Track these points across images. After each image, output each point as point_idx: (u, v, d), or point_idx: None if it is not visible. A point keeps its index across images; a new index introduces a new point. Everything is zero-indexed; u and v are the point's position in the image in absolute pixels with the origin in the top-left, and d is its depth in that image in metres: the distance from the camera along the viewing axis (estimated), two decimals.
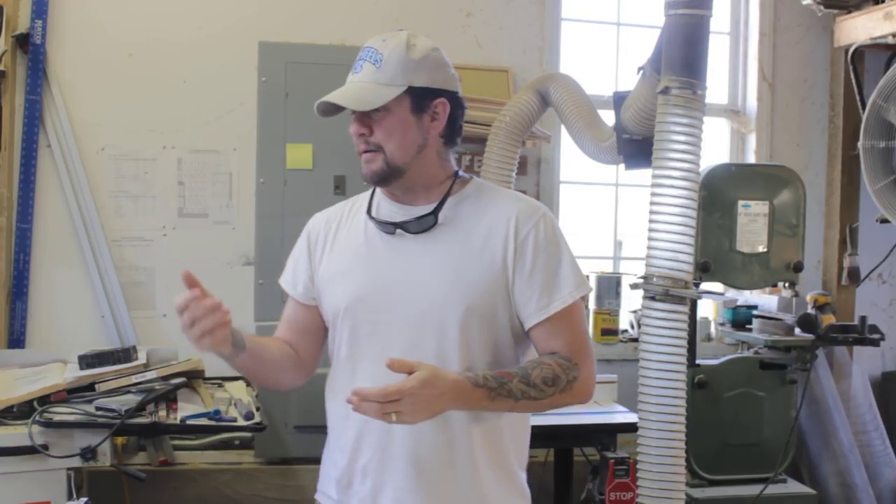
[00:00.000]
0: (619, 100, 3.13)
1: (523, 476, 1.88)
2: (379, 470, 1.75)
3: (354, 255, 1.81)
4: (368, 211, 1.82)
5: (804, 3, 4.16)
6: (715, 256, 3.45)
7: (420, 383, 1.56)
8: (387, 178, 1.75)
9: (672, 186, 2.69)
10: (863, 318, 3.64)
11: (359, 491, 1.77)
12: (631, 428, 2.87)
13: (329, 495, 1.86)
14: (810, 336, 3.62)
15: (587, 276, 4.09)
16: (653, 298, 2.71)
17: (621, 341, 4.12)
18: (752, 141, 4.40)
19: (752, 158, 4.37)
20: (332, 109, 1.78)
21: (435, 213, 1.76)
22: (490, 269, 1.73)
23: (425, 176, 1.79)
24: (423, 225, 1.76)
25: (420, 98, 1.75)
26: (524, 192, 4.00)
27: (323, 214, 1.92)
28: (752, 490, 3.47)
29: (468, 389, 1.63)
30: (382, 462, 1.74)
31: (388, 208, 1.82)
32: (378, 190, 1.84)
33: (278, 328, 1.95)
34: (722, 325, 4.14)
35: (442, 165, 1.81)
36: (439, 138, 1.79)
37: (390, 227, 1.77)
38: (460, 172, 1.84)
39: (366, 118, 1.74)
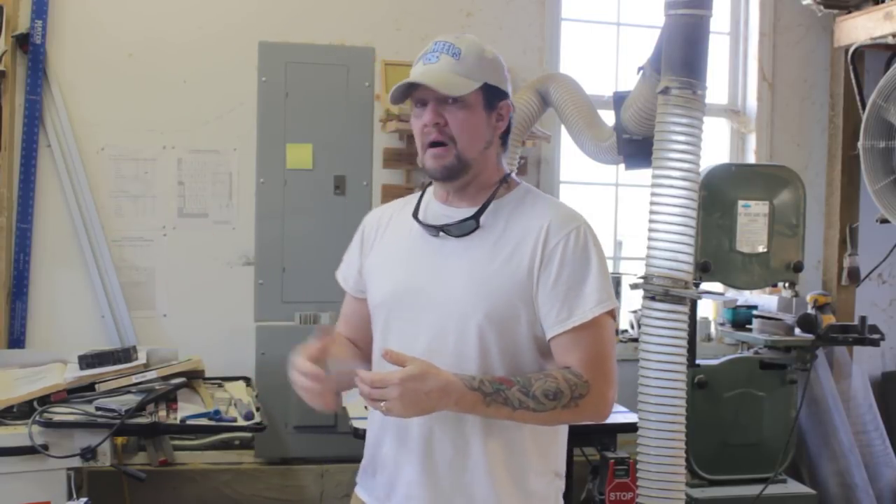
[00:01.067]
0: (619, 100, 3.13)
1: (548, 484, 1.82)
2: (396, 462, 1.78)
3: (396, 251, 1.84)
4: (416, 212, 1.84)
5: (804, 3, 4.16)
6: (715, 256, 3.45)
7: (405, 376, 1.58)
8: (456, 173, 1.76)
9: (672, 186, 2.69)
10: (863, 318, 3.64)
11: (380, 480, 1.82)
12: (631, 428, 2.86)
13: (361, 482, 1.91)
14: (810, 336, 3.62)
15: None
16: (653, 298, 2.72)
17: (621, 341, 4.12)
18: (752, 141, 4.40)
19: (752, 158, 4.37)
20: (403, 96, 1.76)
21: (476, 217, 1.77)
22: (515, 276, 1.73)
23: (483, 175, 1.80)
24: (465, 229, 1.77)
25: (491, 97, 1.77)
26: None
27: (378, 210, 1.97)
28: (752, 490, 3.47)
29: (461, 392, 1.63)
30: (399, 455, 1.78)
31: (436, 209, 1.83)
32: (428, 190, 1.87)
33: (339, 324, 2.00)
34: (722, 325, 4.14)
35: (497, 167, 1.83)
36: (499, 139, 1.82)
37: (434, 230, 1.79)
38: (512, 176, 1.85)
39: (441, 108, 1.73)
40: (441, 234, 1.78)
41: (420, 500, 1.76)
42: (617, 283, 4.13)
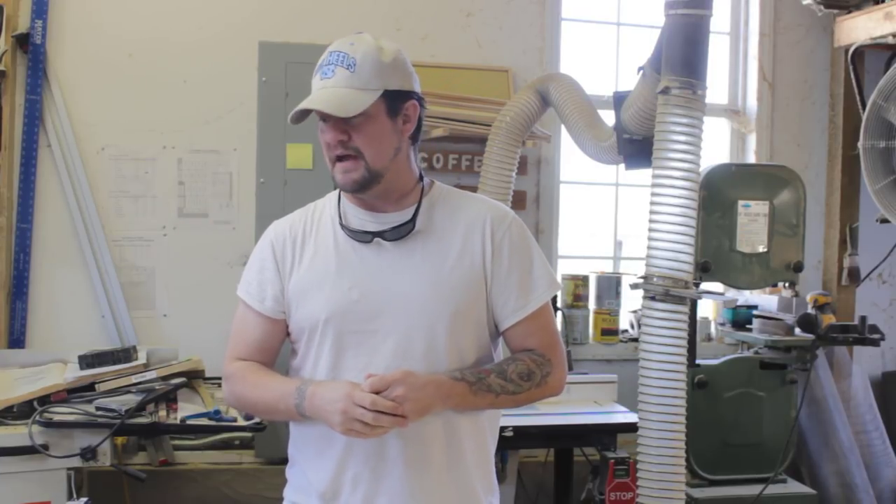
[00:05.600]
0: (619, 100, 3.13)
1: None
2: (372, 479, 1.73)
3: (327, 264, 1.77)
4: (340, 221, 1.78)
5: (804, 3, 4.16)
6: (715, 256, 3.45)
7: (402, 374, 1.63)
8: (368, 184, 1.72)
9: (672, 186, 2.70)
10: (863, 318, 3.64)
11: (348, 501, 1.75)
12: (631, 428, 2.87)
13: None
14: (810, 336, 3.62)
15: (587, 276, 4.14)
16: (653, 298, 2.72)
17: (621, 341, 4.12)
18: (752, 141, 4.40)
19: (752, 158, 4.37)
20: (302, 116, 1.72)
21: (413, 220, 1.75)
22: (470, 271, 1.76)
23: (400, 180, 1.78)
24: (401, 233, 1.75)
25: (394, 101, 1.73)
26: (524, 192, 4.01)
27: (284, 223, 1.87)
28: (752, 490, 3.47)
29: (449, 384, 1.68)
30: (376, 470, 1.73)
31: (358, 216, 1.78)
32: (343, 198, 1.81)
33: (241, 348, 1.84)
34: (722, 325, 4.14)
35: (411, 168, 1.81)
36: (409, 140, 1.79)
37: (367, 237, 1.75)
38: (423, 175, 1.84)
39: (342, 124, 1.69)
40: (376, 240, 1.75)
41: None
42: (617, 283, 4.13)
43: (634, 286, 2.83)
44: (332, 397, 1.64)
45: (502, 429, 2.94)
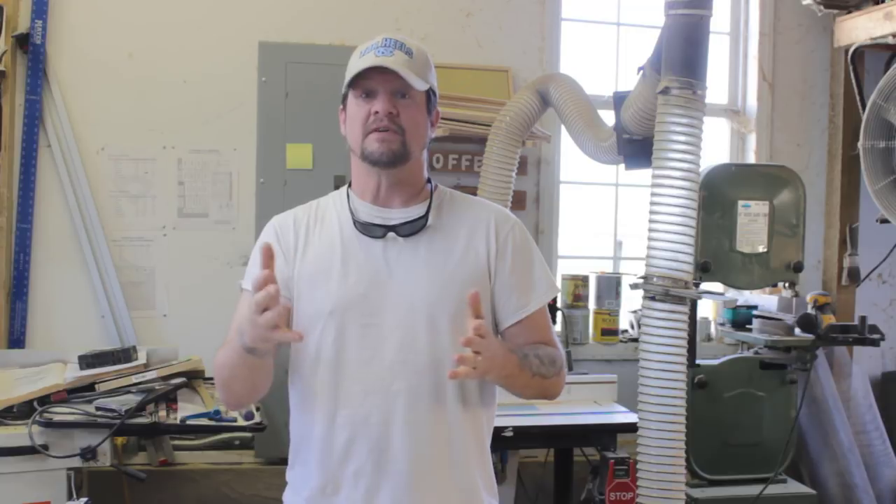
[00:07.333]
0: (619, 100, 3.14)
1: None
2: (374, 473, 1.74)
3: (332, 258, 1.78)
4: (352, 216, 1.80)
5: (804, 3, 4.16)
6: (715, 256, 3.46)
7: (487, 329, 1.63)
8: (399, 160, 1.74)
9: (672, 186, 2.69)
10: (863, 318, 3.64)
11: (350, 496, 1.75)
12: (631, 428, 2.87)
13: None
14: (810, 336, 3.62)
15: (588, 276, 4.13)
16: (653, 298, 2.72)
17: (621, 341, 4.12)
18: (752, 141, 4.40)
19: (752, 158, 4.37)
20: (356, 80, 1.73)
21: (426, 215, 1.78)
22: (475, 269, 1.78)
23: (416, 175, 1.82)
24: (415, 228, 1.77)
25: (431, 101, 1.81)
26: (524, 192, 4.01)
27: (288, 216, 1.89)
28: (752, 490, 3.47)
29: (508, 353, 1.71)
30: (379, 464, 1.73)
31: (368, 212, 1.81)
32: (352, 195, 1.83)
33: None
34: (722, 325, 4.14)
35: (424, 170, 1.85)
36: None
37: (380, 231, 1.77)
38: (430, 178, 1.88)
39: (394, 99, 1.73)
40: (389, 234, 1.77)
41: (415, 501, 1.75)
42: (617, 283, 4.13)
43: (634, 286, 2.83)
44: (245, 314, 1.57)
45: (503, 429, 2.96)
